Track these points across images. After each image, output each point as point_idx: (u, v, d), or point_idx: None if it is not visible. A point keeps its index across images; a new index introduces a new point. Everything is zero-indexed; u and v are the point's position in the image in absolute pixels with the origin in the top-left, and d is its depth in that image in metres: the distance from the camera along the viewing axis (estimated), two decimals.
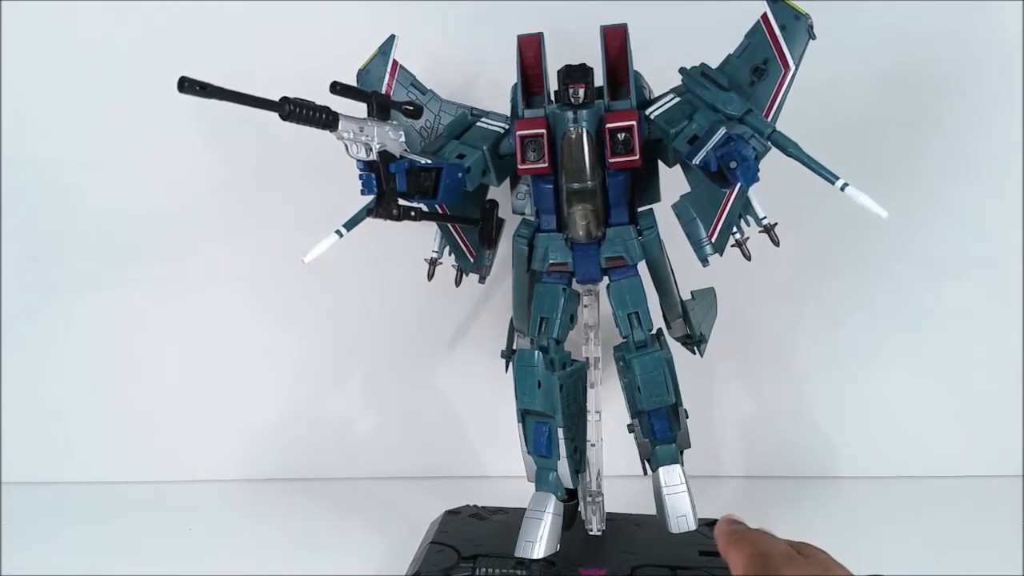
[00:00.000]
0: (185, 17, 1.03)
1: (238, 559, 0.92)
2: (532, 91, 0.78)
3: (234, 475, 1.14)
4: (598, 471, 0.84)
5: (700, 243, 0.77)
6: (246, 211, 1.09)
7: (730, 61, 0.74)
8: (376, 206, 0.70)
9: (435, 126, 0.83)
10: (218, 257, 1.10)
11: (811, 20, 0.71)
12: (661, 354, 0.77)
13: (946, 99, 1.02)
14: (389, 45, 0.82)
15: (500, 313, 0.90)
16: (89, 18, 1.04)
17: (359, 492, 1.10)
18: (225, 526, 1.03)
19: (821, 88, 0.71)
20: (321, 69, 0.71)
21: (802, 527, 0.95)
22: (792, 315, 1.08)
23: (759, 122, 0.70)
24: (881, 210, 0.65)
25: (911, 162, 1.03)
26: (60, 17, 1.05)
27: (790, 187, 0.72)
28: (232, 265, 1.10)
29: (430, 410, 1.14)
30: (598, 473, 0.84)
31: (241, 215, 1.09)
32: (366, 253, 1.07)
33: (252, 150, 1.06)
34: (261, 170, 1.07)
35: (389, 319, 1.11)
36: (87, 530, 1.02)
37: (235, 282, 1.11)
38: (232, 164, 1.07)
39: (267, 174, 1.07)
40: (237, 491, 1.12)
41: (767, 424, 1.11)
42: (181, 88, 0.57)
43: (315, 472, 1.14)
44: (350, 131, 0.68)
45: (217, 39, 1.02)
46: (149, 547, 0.97)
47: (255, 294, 1.11)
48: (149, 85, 1.01)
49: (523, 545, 0.77)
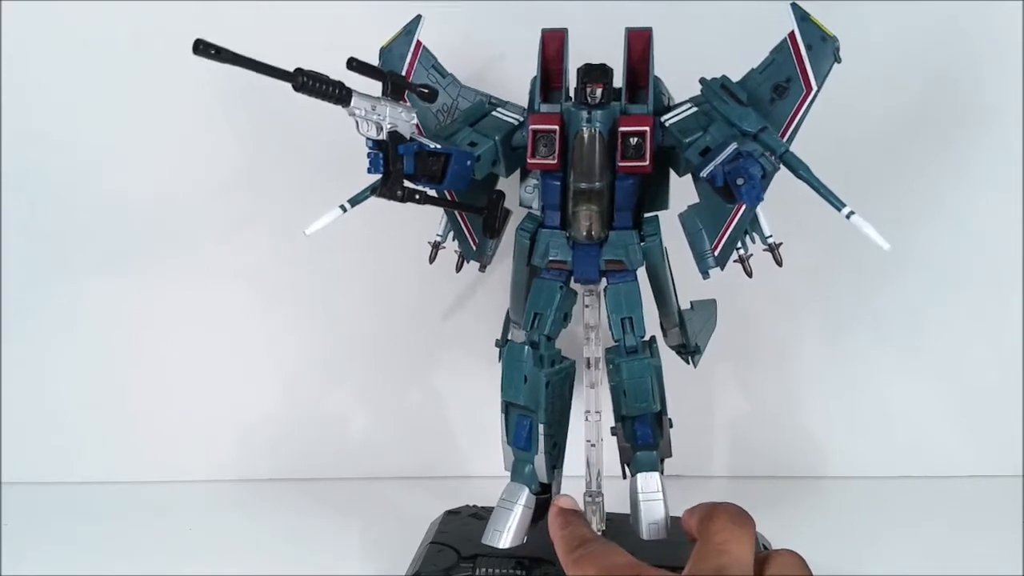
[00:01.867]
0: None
1: (238, 559, 0.93)
2: (551, 86, 0.77)
3: (233, 475, 1.14)
4: (598, 471, 0.84)
5: (703, 255, 0.77)
6: (250, 207, 1.09)
7: (752, 76, 0.73)
8: (381, 186, 0.70)
9: (453, 109, 0.82)
10: (218, 254, 1.10)
11: (838, 43, 0.70)
12: (650, 361, 0.77)
13: (946, 103, 1.01)
14: (415, 25, 0.82)
15: (500, 311, 0.90)
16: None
17: (358, 492, 1.10)
18: (225, 526, 1.04)
19: (822, 93, 0.71)
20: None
21: (804, 527, 0.97)
22: (792, 316, 1.09)
23: (773, 141, 0.69)
24: (884, 242, 0.65)
25: (910, 164, 1.03)
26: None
27: (793, 194, 0.72)
28: (232, 263, 1.10)
29: (429, 410, 1.14)
30: (598, 473, 0.84)
31: (245, 211, 1.09)
32: (366, 251, 1.07)
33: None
34: (272, 165, 1.07)
35: (389, 318, 1.11)
36: (87, 530, 1.02)
37: (235, 281, 1.11)
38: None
39: (277, 169, 1.07)
40: (236, 491, 1.12)
41: (767, 425, 1.12)
42: (196, 51, 0.57)
43: (314, 472, 1.14)
44: (362, 108, 0.68)
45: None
46: (149, 547, 0.98)
47: (254, 293, 1.11)
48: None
49: (491, 534, 0.78)
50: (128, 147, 1.07)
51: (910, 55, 1.00)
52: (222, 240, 1.10)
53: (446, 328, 1.11)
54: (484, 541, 0.78)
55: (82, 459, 1.14)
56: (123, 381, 1.13)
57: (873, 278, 1.07)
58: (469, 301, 1.10)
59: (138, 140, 1.07)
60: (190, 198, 1.08)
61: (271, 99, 0.77)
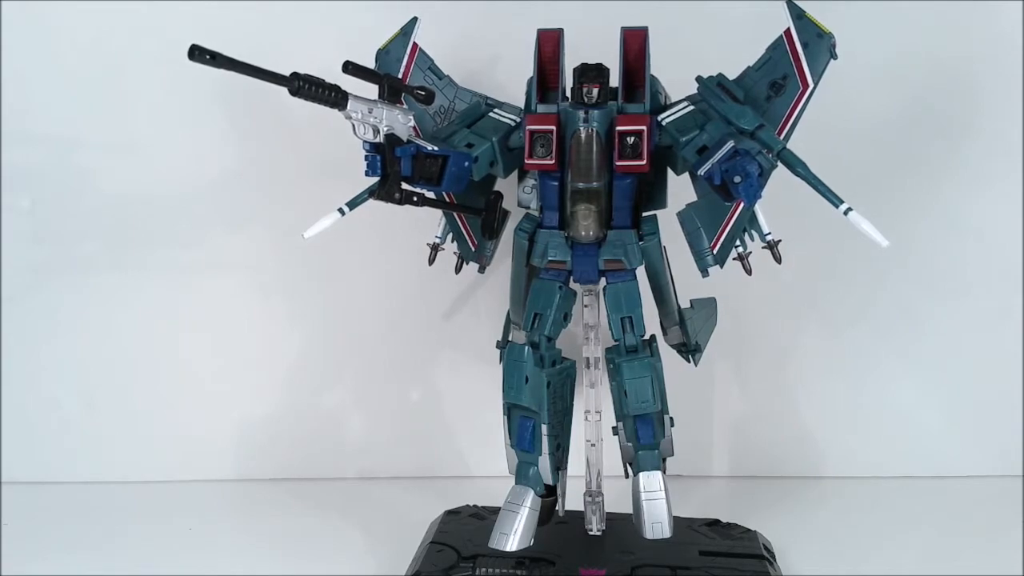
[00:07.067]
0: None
1: (237, 559, 0.93)
2: (548, 86, 0.77)
3: (233, 475, 1.14)
4: (598, 471, 0.84)
5: (702, 253, 0.77)
6: (250, 208, 1.08)
7: (748, 74, 0.74)
8: (379, 188, 0.70)
9: (450, 110, 0.83)
10: (218, 255, 1.10)
11: (834, 40, 0.71)
12: (651, 360, 0.77)
13: (944, 99, 1.01)
14: (411, 27, 0.82)
15: (500, 312, 0.90)
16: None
17: (358, 492, 1.10)
18: (225, 526, 1.03)
19: (820, 91, 0.71)
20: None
21: (804, 527, 0.97)
22: (791, 314, 1.08)
23: (770, 138, 0.69)
24: (882, 239, 0.65)
25: (909, 161, 1.03)
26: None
27: (792, 190, 0.72)
28: (232, 263, 1.10)
29: (429, 410, 1.14)
30: (598, 473, 0.84)
31: (245, 212, 1.09)
32: (365, 252, 1.07)
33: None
34: (272, 166, 1.07)
35: (389, 319, 1.11)
36: (87, 530, 1.02)
37: (235, 282, 1.10)
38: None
39: (276, 170, 1.07)
40: (236, 491, 1.12)
41: (767, 425, 1.11)
42: (191, 56, 0.58)
43: (314, 472, 1.14)
44: (359, 111, 0.68)
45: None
46: (149, 547, 0.98)
47: (254, 294, 1.11)
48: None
49: (498, 537, 0.78)
50: (128, 147, 1.07)
51: (908, 51, 1.00)
52: (222, 240, 1.09)
53: (446, 329, 1.11)
54: (491, 544, 0.78)
55: (82, 459, 1.14)
56: (123, 381, 1.13)
57: (873, 277, 1.06)
58: (468, 302, 1.10)
59: (138, 140, 1.07)
60: (190, 198, 1.08)
61: (271, 99, 0.77)
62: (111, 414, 1.14)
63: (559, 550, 0.84)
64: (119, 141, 1.07)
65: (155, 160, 1.07)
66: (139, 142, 1.07)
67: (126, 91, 1.06)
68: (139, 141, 1.07)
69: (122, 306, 1.11)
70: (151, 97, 1.06)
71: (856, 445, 1.11)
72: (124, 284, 1.10)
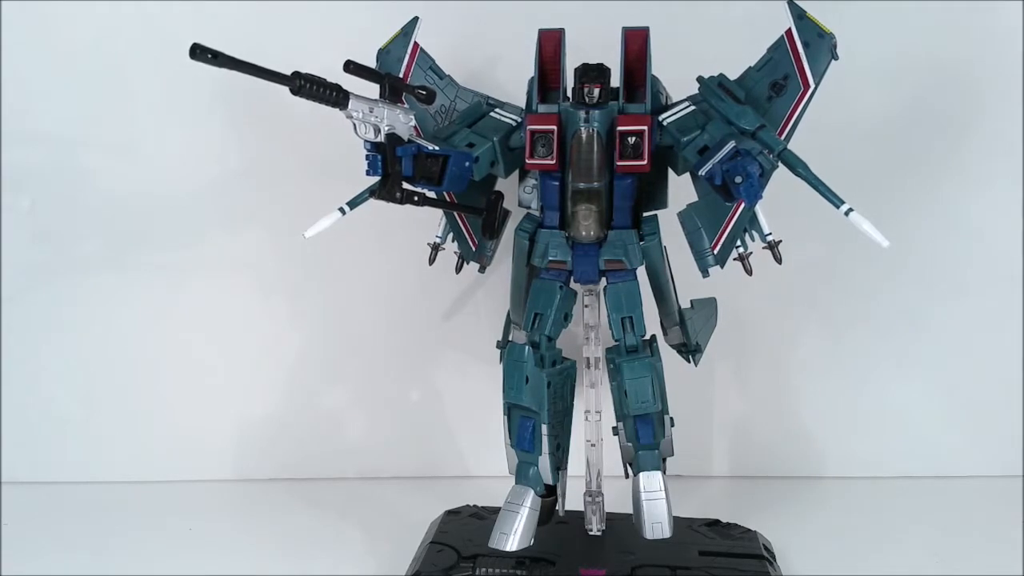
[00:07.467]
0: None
1: (237, 559, 0.93)
2: (548, 86, 0.77)
3: (233, 475, 1.14)
4: (598, 471, 0.84)
5: (702, 254, 0.77)
6: (250, 207, 1.08)
7: (749, 74, 0.74)
8: (380, 188, 0.70)
9: (450, 110, 0.83)
10: (218, 255, 1.10)
11: (835, 40, 0.71)
12: (651, 360, 0.77)
13: (945, 99, 1.01)
14: (411, 27, 0.82)
15: (501, 311, 0.90)
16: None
17: (358, 492, 1.10)
18: (224, 526, 1.03)
19: (821, 91, 0.71)
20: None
21: (804, 527, 0.97)
22: (791, 314, 1.08)
23: (770, 138, 0.69)
24: (883, 239, 0.65)
25: (909, 161, 1.03)
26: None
27: (793, 191, 0.72)
28: (232, 263, 1.10)
29: (430, 410, 1.14)
30: (598, 473, 0.84)
31: (245, 211, 1.08)
32: (366, 252, 1.07)
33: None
34: (272, 165, 1.07)
35: (389, 319, 1.11)
36: (87, 530, 1.02)
37: (235, 282, 1.10)
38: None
39: (277, 169, 1.07)
40: (236, 491, 1.12)
41: (767, 425, 1.11)
42: (193, 55, 0.58)
43: (314, 472, 1.14)
44: (360, 111, 0.68)
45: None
46: (149, 547, 0.98)
47: (254, 294, 1.11)
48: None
49: (498, 537, 0.78)
50: (128, 147, 1.07)
51: (908, 51, 1.00)
52: (222, 240, 1.09)
53: (446, 329, 1.11)
54: (491, 544, 0.78)
55: (82, 459, 1.14)
56: (123, 381, 1.13)
57: (873, 277, 1.07)
58: (469, 302, 1.10)
59: (138, 140, 1.07)
60: (190, 198, 1.08)
61: (271, 99, 0.77)
62: (111, 414, 1.14)
63: (559, 550, 0.84)
64: (119, 141, 1.07)
65: (155, 160, 1.07)
66: (139, 142, 1.07)
67: (126, 91, 1.06)
68: (139, 141, 1.07)
69: (122, 306, 1.11)
70: (151, 97, 1.06)
71: (856, 445, 1.11)
72: (124, 284, 1.10)
